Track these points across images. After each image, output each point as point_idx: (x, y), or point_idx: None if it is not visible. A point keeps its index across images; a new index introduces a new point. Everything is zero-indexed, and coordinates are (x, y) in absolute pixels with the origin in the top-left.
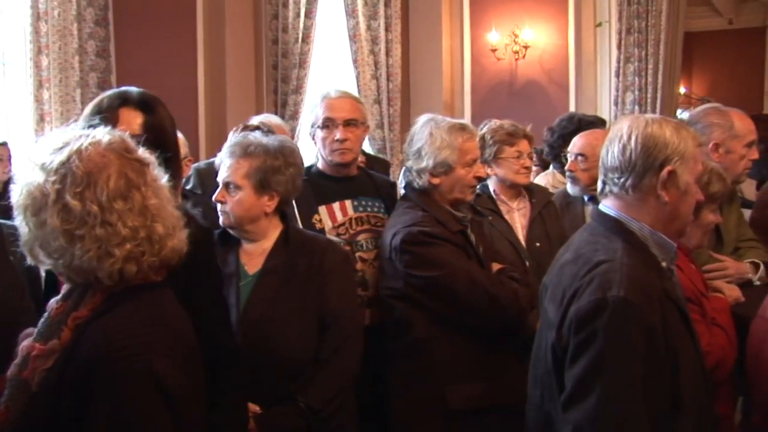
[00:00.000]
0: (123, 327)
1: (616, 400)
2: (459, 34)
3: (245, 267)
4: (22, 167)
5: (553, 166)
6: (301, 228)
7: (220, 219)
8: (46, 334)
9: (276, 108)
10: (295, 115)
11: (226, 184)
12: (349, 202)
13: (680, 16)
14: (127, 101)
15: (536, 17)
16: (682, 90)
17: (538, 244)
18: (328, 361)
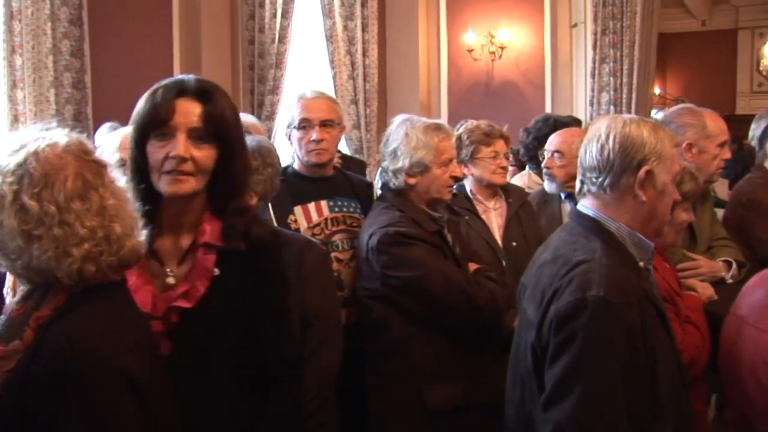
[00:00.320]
0: (87, 326)
1: (596, 400)
2: (435, 35)
3: None
4: None
5: (528, 167)
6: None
7: None
8: (7, 336)
9: (252, 108)
10: (271, 116)
11: None
12: (324, 203)
13: (654, 17)
14: (183, 92)
15: (512, 18)
16: (657, 90)
17: (514, 244)
18: (309, 359)
